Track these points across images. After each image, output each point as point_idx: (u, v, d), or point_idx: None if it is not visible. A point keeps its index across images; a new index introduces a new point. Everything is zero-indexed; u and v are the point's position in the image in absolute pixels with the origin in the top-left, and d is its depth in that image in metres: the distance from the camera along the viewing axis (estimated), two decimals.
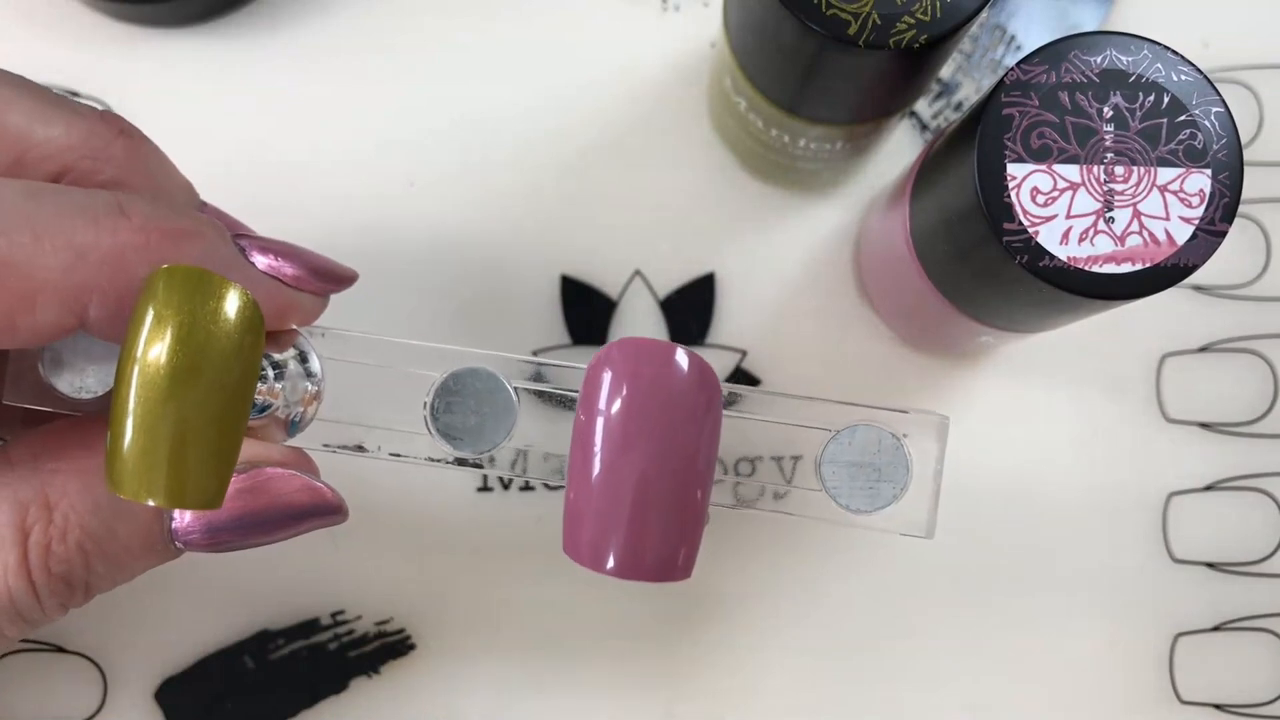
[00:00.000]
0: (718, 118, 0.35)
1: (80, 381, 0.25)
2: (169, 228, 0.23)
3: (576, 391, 0.24)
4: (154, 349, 0.21)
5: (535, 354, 0.35)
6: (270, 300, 0.24)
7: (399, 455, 0.26)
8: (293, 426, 0.25)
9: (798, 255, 0.36)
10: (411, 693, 0.35)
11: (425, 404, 0.25)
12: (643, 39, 0.37)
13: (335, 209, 0.36)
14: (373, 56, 0.37)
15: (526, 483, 0.35)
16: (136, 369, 0.21)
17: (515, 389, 0.25)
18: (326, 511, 0.25)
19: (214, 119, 0.36)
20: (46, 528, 0.24)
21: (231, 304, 0.22)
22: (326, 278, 0.26)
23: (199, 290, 0.21)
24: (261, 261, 0.25)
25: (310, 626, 0.35)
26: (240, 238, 0.25)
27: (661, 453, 0.23)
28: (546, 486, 0.35)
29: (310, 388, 0.25)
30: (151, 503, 0.21)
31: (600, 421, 0.23)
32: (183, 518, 0.25)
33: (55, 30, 0.37)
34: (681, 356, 0.23)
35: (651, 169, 0.36)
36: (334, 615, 0.35)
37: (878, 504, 0.25)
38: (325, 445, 0.26)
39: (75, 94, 0.37)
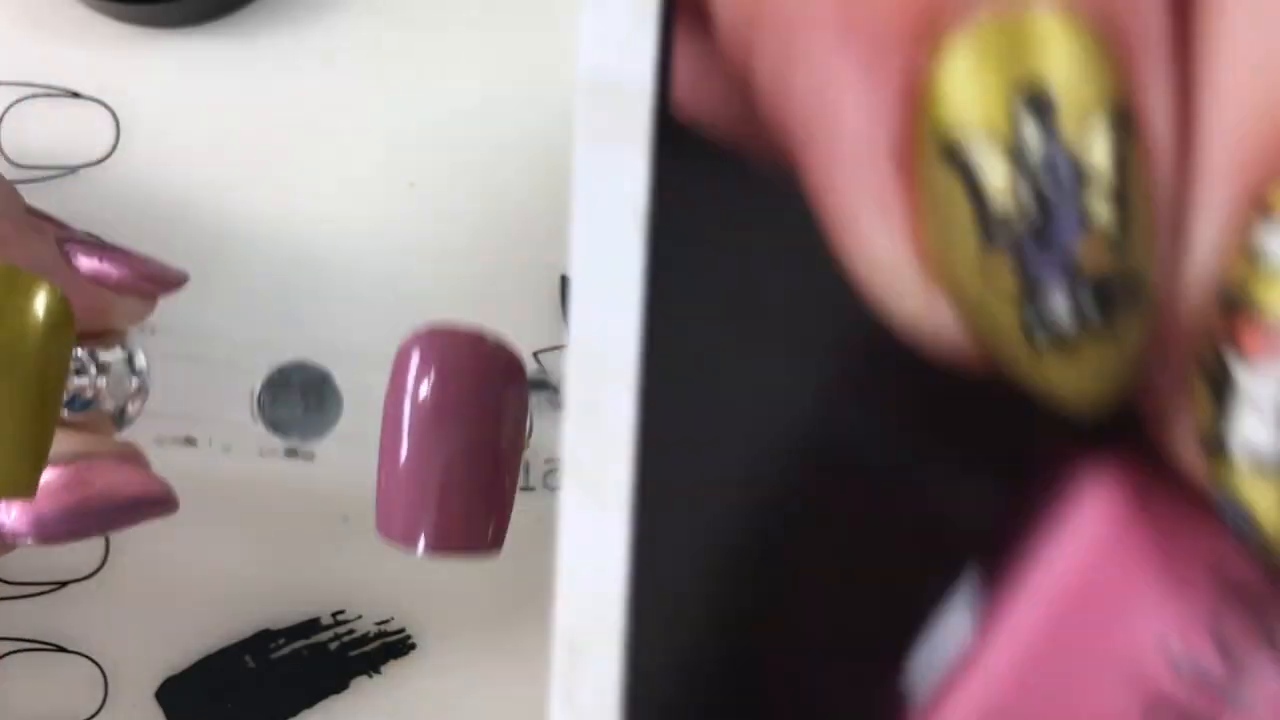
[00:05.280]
0: None
1: None
2: None
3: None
4: None
5: (535, 355, 0.35)
6: (90, 301, 0.25)
7: (230, 448, 0.27)
8: (120, 420, 0.26)
9: None
10: (412, 692, 0.35)
11: (253, 394, 0.27)
12: None
13: (336, 209, 0.36)
14: (375, 57, 0.37)
15: (527, 483, 0.35)
16: None
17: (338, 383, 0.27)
18: (154, 501, 0.26)
19: (214, 119, 0.36)
20: None
21: (40, 301, 0.22)
22: (153, 281, 0.27)
23: (6, 286, 0.22)
24: (86, 264, 0.26)
25: (311, 626, 0.35)
26: (67, 242, 0.26)
27: (466, 436, 0.23)
28: (547, 487, 0.35)
29: (135, 383, 0.26)
30: None
31: (407, 404, 0.24)
32: (8, 511, 0.25)
33: (56, 31, 0.37)
34: (484, 341, 0.24)
35: None
36: (335, 615, 0.35)
37: None
38: (157, 440, 0.27)
39: (75, 94, 0.36)
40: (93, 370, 0.25)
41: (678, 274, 0.15)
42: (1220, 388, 0.14)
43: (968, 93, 0.13)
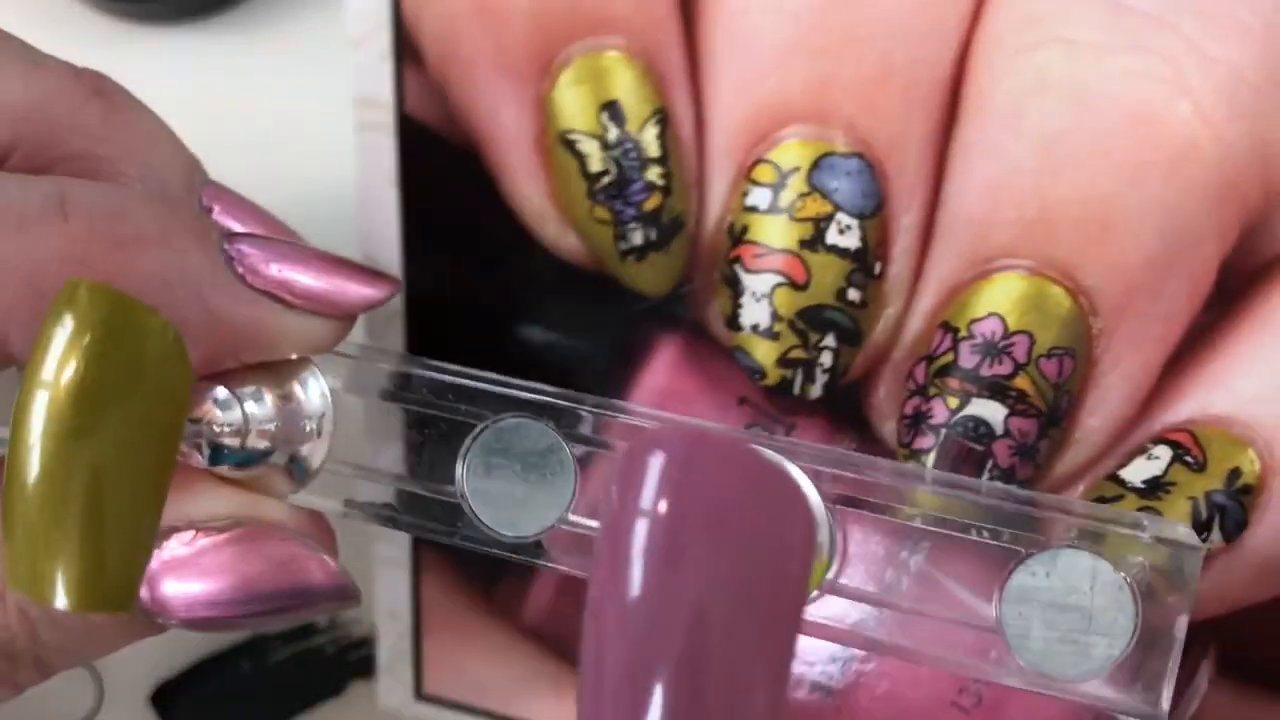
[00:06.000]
0: None
1: None
2: (120, 233, 0.18)
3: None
4: (38, 396, 0.16)
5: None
6: (259, 325, 0.19)
7: (421, 524, 0.21)
8: (297, 472, 0.21)
9: None
10: None
11: (461, 459, 0.20)
12: None
13: (336, 208, 0.33)
14: None
15: None
16: (31, 414, 0.16)
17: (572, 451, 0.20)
18: (329, 593, 0.21)
19: (210, 115, 0.33)
20: None
21: (148, 345, 0.17)
22: (352, 293, 0.20)
23: (109, 315, 0.17)
24: (261, 270, 0.19)
25: (307, 630, 0.33)
26: (239, 239, 0.19)
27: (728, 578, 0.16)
28: None
29: (311, 425, 0.21)
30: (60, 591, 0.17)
31: (642, 528, 0.16)
32: (151, 588, 0.19)
33: (48, 27, 0.34)
34: (755, 455, 0.17)
35: None
36: (331, 618, 0.33)
37: (1085, 667, 0.18)
38: (347, 504, 0.22)
39: None
40: (252, 411, 0.20)
41: (420, 211, 0.24)
42: (733, 286, 0.23)
43: (572, 107, 0.22)
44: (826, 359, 0.23)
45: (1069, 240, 0.21)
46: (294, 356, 0.20)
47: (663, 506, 0.16)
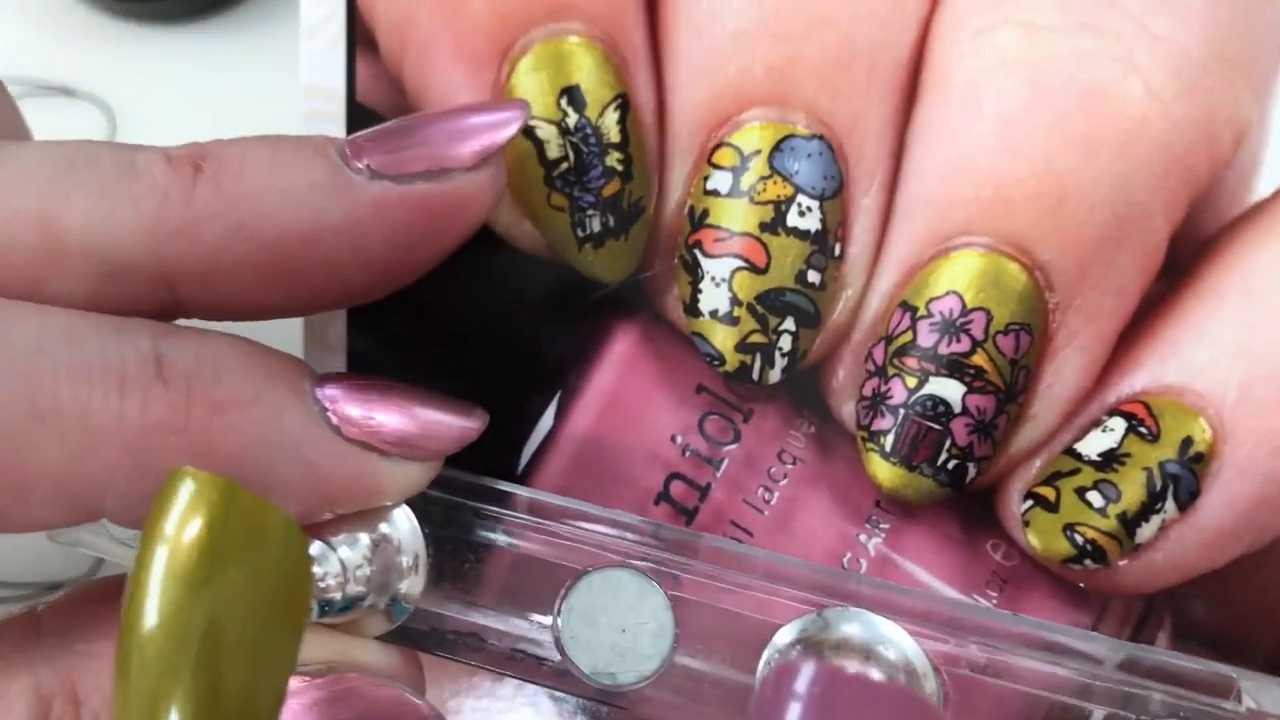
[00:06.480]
0: None
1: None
2: (217, 397, 0.18)
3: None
4: (151, 615, 0.15)
5: None
6: (357, 481, 0.19)
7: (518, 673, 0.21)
8: (395, 608, 0.20)
9: None
10: None
11: (555, 610, 0.20)
12: None
13: None
14: None
15: None
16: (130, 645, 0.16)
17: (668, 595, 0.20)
18: None
19: (210, 115, 0.35)
20: None
21: (267, 547, 0.16)
22: (442, 434, 0.20)
23: (218, 531, 0.16)
24: (359, 421, 0.19)
25: None
26: (327, 383, 0.19)
27: None
28: None
29: (406, 561, 0.20)
30: None
31: None
32: None
33: (49, 28, 0.36)
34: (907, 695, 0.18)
35: None
36: None
37: None
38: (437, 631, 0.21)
39: (70, 92, 0.36)
40: (347, 557, 0.19)
41: None
42: (692, 271, 0.23)
43: (531, 92, 0.22)
44: (785, 343, 0.23)
45: (1024, 217, 0.22)
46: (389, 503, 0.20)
47: None
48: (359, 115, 0.23)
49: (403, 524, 0.20)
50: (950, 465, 0.23)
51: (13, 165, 0.18)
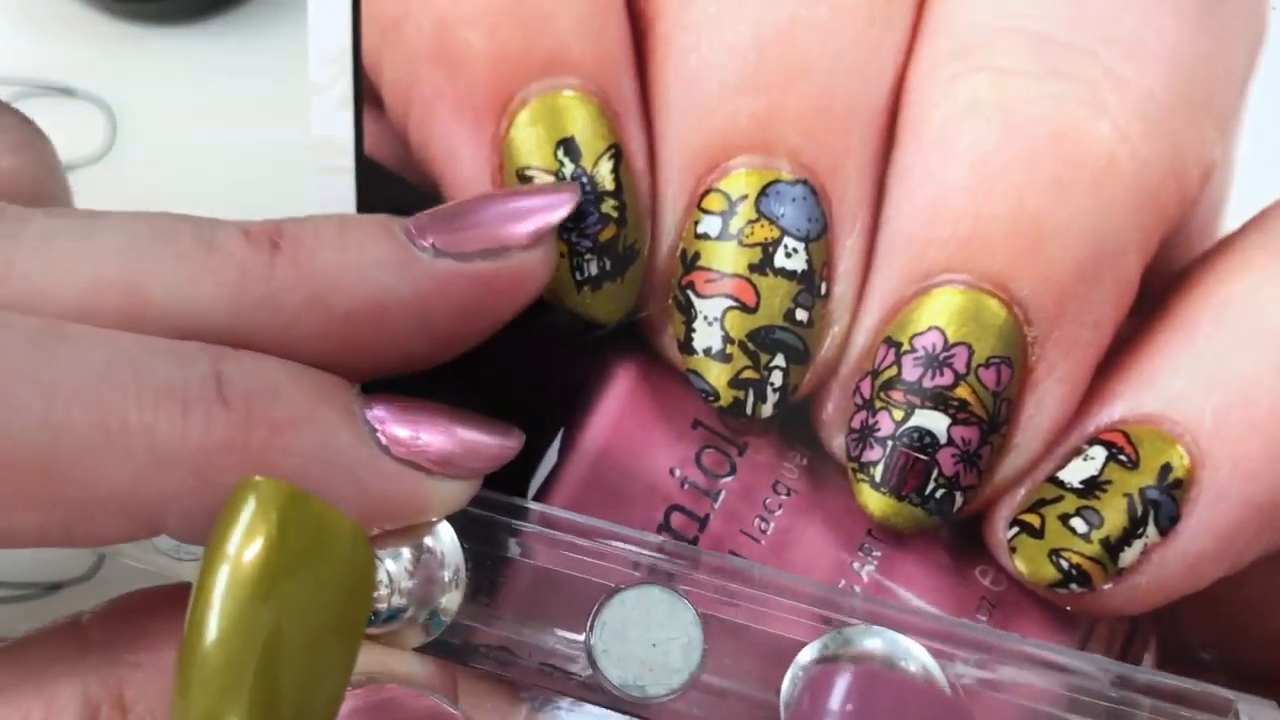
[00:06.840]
0: None
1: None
2: (275, 417, 0.19)
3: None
4: (210, 628, 0.17)
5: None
6: (406, 498, 0.20)
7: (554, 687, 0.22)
8: (432, 622, 0.21)
9: None
10: None
11: (588, 629, 0.21)
12: None
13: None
14: None
15: None
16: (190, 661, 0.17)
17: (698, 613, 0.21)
18: None
19: (211, 116, 0.35)
20: None
21: (338, 549, 0.17)
22: (483, 453, 0.21)
23: (291, 540, 0.17)
24: (406, 441, 0.20)
25: None
26: (374, 404, 0.20)
27: None
28: None
29: (448, 576, 0.21)
30: None
31: None
32: None
33: (50, 28, 0.36)
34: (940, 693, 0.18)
35: None
36: None
37: None
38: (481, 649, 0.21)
39: (70, 92, 0.36)
40: (392, 569, 0.20)
41: None
42: (686, 311, 0.24)
43: (529, 145, 0.23)
44: (777, 378, 0.24)
45: (1002, 254, 0.23)
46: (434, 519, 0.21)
47: None
48: (368, 169, 0.24)
49: (445, 539, 0.21)
50: (938, 494, 0.24)
51: (100, 235, 0.20)
